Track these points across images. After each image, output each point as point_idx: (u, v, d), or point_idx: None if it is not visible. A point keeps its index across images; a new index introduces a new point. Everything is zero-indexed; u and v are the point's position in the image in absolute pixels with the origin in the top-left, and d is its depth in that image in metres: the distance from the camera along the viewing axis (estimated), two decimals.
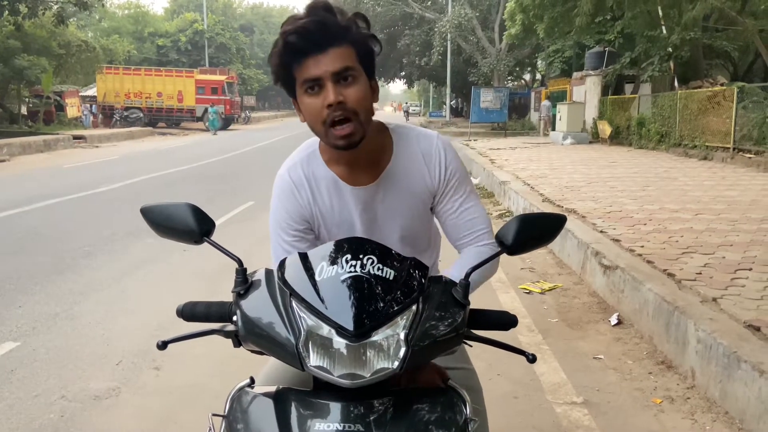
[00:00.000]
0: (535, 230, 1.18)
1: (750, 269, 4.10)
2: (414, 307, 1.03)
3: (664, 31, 15.04)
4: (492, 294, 4.59)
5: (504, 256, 1.22)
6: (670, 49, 15.01)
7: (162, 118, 33.41)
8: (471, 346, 1.20)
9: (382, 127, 1.39)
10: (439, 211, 1.45)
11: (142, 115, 32.47)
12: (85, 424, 2.79)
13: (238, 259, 1.14)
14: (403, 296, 1.03)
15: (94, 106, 32.12)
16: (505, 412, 2.85)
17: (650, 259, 4.35)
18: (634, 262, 4.34)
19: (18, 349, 3.68)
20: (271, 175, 1.44)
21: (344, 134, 1.22)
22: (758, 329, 3.00)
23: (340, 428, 0.96)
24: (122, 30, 49.38)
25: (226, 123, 33.64)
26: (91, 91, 34.17)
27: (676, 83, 15.41)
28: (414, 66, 36.73)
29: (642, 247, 4.77)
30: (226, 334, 1.11)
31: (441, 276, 1.16)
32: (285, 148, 20.24)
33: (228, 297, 1.18)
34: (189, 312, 1.17)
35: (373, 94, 1.29)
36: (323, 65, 1.19)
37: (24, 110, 26.60)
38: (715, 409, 2.85)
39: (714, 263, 4.25)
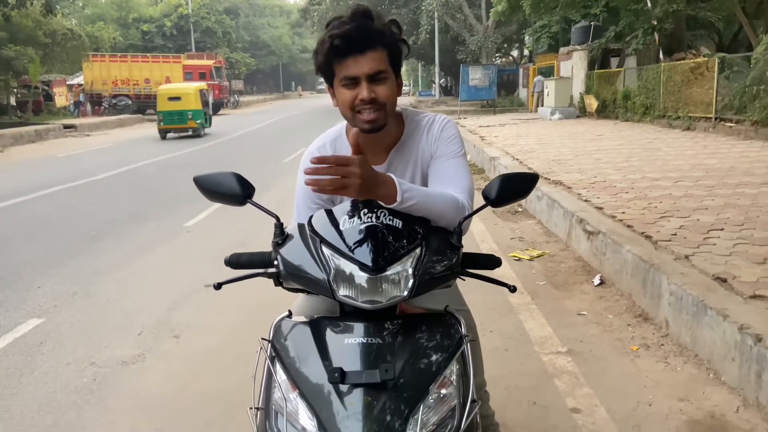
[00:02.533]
0: (514, 187, 1.46)
1: (722, 229, 4.41)
2: (418, 250, 1.31)
3: (649, 4, 15.22)
4: None
5: (493, 226, 1.50)
6: (654, 22, 15.22)
7: (151, 105, 33.14)
8: (464, 279, 1.48)
9: (398, 114, 1.65)
10: (430, 169, 1.62)
11: (130, 102, 32.32)
12: (117, 386, 3.08)
13: (276, 216, 1.40)
14: (409, 241, 1.31)
15: (82, 95, 31.97)
16: (497, 363, 3.15)
17: (630, 224, 4.66)
18: (615, 227, 4.64)
19: (43, 324, 3.95)
20: (266, 160, 1.71)
21: (369, 119, 1.49)
22: (725, 281, 3.31)
23: (364, 341, 1.24)
24: (106, 17, 48.75)
25: (216, 108, 33.58)
26: (78, 80, 33.94)
27: (661, 55, 15.62)
28: None
29: (623, 213, 5.07)
30: (269, 275, 1.39)
31: (440, 227, 1.43)
32: (278, 132, 20.27)
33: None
34: (235, 261, 1.44)
35: (398, 89, 1.55)
36: (361, 67, 1.45)
37: (13, 101, 26.48)
38: (686, 353, 3.17)
39: (689, 225, 4.56)
